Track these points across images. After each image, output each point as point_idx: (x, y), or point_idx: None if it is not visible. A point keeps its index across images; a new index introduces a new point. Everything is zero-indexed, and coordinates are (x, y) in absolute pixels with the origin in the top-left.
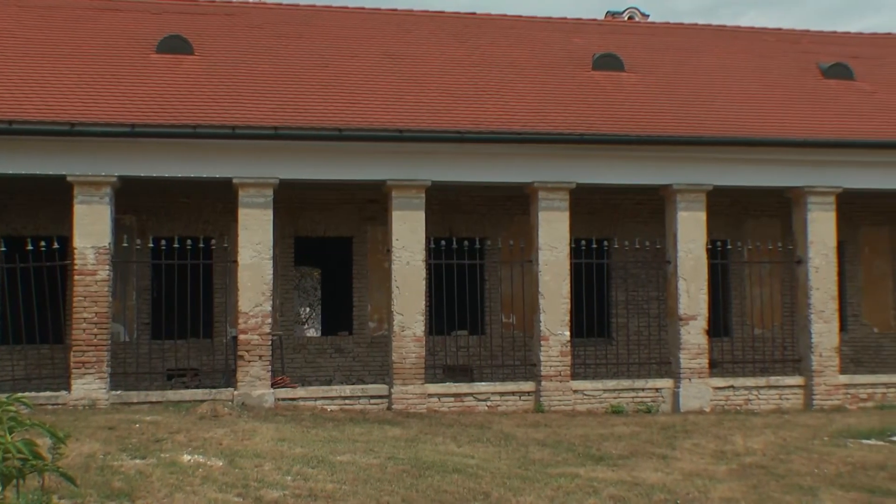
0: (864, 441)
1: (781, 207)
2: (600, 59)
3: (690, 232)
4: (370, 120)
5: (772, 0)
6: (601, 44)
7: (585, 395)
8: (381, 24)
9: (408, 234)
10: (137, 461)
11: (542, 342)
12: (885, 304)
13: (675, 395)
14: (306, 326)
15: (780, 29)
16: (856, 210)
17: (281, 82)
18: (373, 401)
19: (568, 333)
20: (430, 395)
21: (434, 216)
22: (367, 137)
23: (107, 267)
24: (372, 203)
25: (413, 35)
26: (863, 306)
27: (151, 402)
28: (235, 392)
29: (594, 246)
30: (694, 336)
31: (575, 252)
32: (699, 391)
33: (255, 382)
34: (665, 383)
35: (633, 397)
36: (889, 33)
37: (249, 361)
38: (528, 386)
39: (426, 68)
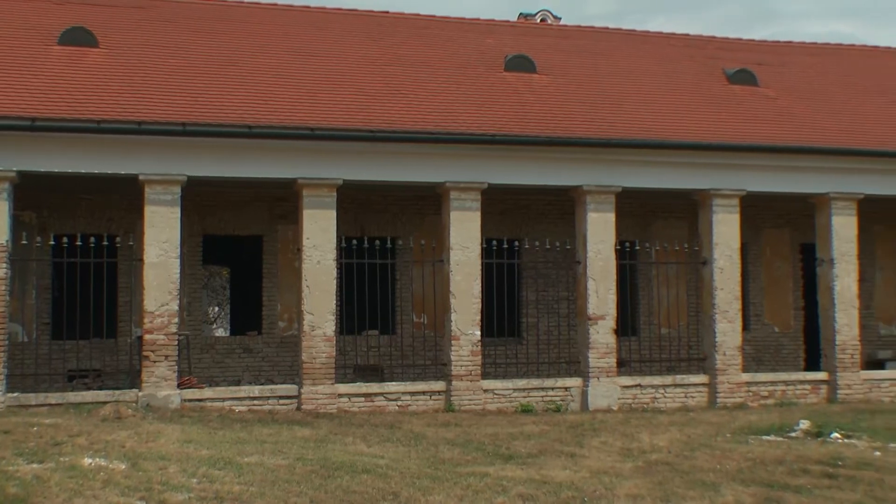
0: (765, 437)
1: (688, 209)
2: (512, 61)
3: (600, 233)
4: (282, 117)
5: (678, 6)
6: (513, 45)
7: (496, 394)
8: (294, 21)
9: (319, 233)
10: (34, 466)
11: (452, 342)
12: (786, 304)
13: (584, 394)
14: (215, 326)
15: (687, 35)
16: (758, 213)
17: (190, 78)
18: (282, 401)
19: (479, 333)
20: (341, 395)
21: (346, 215)
22: (278, 135)
23: (4, 265)
24: (283, 201)
25: (326, 33)
26: (764, 306)
27: (51, 405)
28: (140, 393)
29: (505, 246)
30: (602, 335)
31: (486, 252)
32: (607, 390)
33: (160, 383)
34: (574, 382)
35: (542, 396)
36: (790, 41)
37: (155, 362)
38: (438, 385)
39: (339, 66)
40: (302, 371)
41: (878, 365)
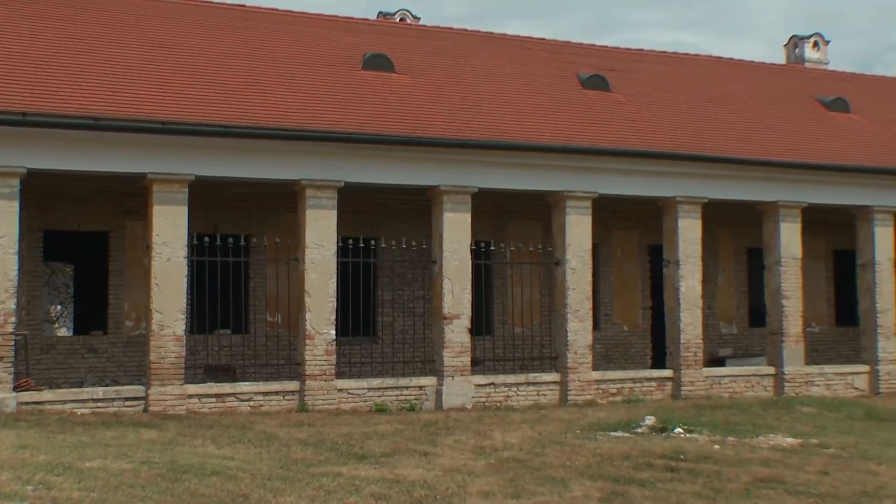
0: (612, 433)
1: (542, 210)
2: (371, 59)
3: (456, 233)
4: (132, 110)
5: (535, 12)
6: (372, 44)
7: (350, 393)
8: (148, 12)
9: (169, 229)
10: None
11: (307, 341)
12: (635, 304)
13: (439, 393)
14: (57, 325)
15: (543, 39)
16: (609, 215)
17: (33, 65)
18: (128, 403)
19: (333, 332)
20: (190, 396)
21: (198, 211)
22: (126, 128)
23: None
24: (131, 196)
25: (181, 25)
26: (614, 306)
27: None
28: None
29: (361, 245)
30: (457, 335)
31: (342, 251)
32: (461, 388)
33: None
34: (429, 381)
35: (397, 395)
36: (641, 49)
37: None
38: (292, 385)
39: (194, 60)
40: (150, 371)
41: (719, 362)
